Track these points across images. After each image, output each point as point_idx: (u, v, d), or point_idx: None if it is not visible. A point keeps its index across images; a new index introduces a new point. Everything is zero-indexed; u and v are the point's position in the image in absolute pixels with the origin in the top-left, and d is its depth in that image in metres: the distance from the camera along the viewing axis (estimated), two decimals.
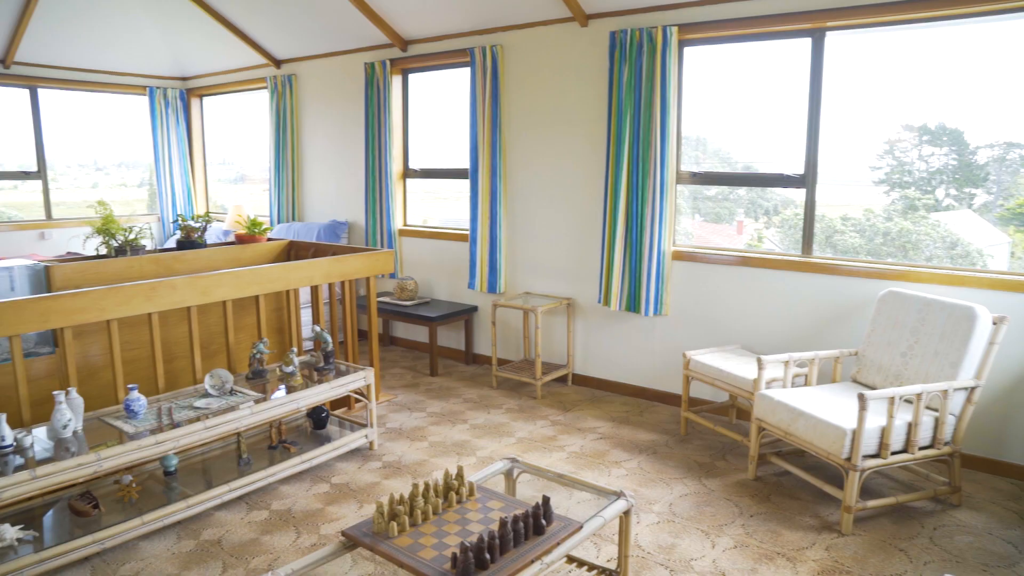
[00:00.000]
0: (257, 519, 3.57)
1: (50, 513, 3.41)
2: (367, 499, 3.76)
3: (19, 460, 3.04)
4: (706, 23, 4.65)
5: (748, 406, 4.53)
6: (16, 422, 3.44)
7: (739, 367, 4.26)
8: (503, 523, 2.33)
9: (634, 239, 5.03)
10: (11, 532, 3.09)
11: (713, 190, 5.21)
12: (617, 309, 5.18)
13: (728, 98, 5.00)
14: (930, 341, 3.68)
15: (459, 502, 2.65)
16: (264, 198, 8.60)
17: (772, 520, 3.51)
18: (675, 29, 4.68)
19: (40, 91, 7.81)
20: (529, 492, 3.73)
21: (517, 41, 5.61)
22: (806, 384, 4.05)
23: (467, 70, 5.98)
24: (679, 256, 5.02)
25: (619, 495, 2.78)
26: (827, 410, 3.54)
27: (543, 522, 2.46)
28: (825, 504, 3.67)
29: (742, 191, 5.19)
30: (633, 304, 5.12)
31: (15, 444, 3.11)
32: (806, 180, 4.54)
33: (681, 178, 5.03)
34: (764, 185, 4.89)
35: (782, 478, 3.97)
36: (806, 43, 4.44)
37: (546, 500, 2.51)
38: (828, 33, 4.34)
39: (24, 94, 7.73)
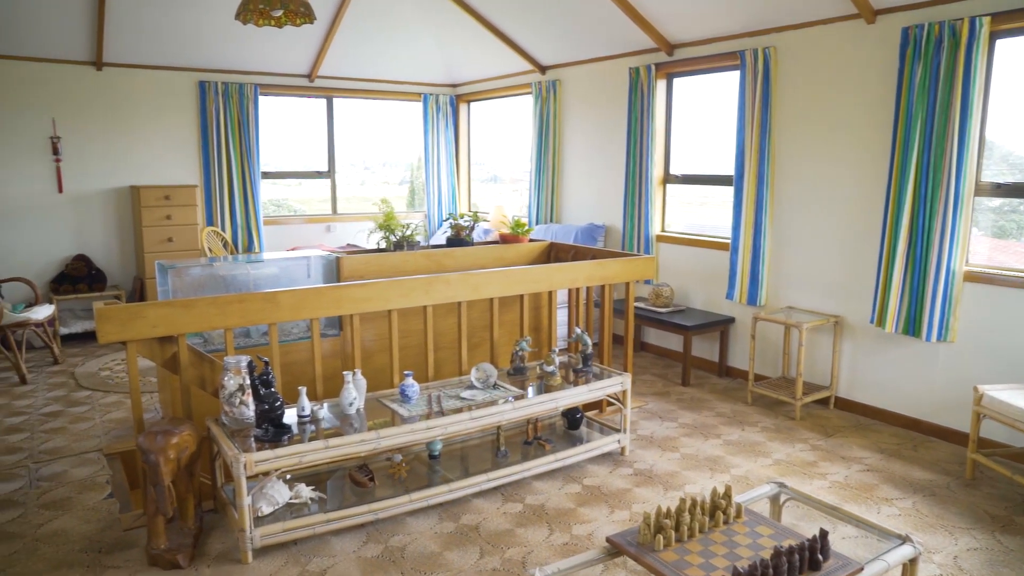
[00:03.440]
0: (512, 511, 3.69)
1: (331, 480, 3.78)
2: (618, 504, 3.75)
3: (312, 429, 3.40)
4: None
5: None
6: (310, 395, 3.84)
7: None
8: (778, 553, 2.20)
9: (918, 256, 4.56)
10: (306, 492, 3.47)
11: (997, 201, 4.56)
12: (893, 331, 4.72)
13: None
14: None
15: (726, 522, 2.54)
16: (516, 198, 8.96)
17: None
18: (986, 20, 4.15)
19: (335, 100, 8.77)
20: (789, 519, 3.50)
21: (792, 42, 5.31)
22: None
23: (735, 73, 5.77)
24: (972, 277, 4.46)
25: (904, 539, 2.52)
26: None
27: (819, 557, 2.28)
28: None
29: None
30: (912, 327, 4.64)
31: (311, 415, 3.48)
32: None
33: (981, 189, 4.46)
34: None
35: None
36: None
37: (824, 534, 2.33)
38: None
39: (322, 103, 8.75)
